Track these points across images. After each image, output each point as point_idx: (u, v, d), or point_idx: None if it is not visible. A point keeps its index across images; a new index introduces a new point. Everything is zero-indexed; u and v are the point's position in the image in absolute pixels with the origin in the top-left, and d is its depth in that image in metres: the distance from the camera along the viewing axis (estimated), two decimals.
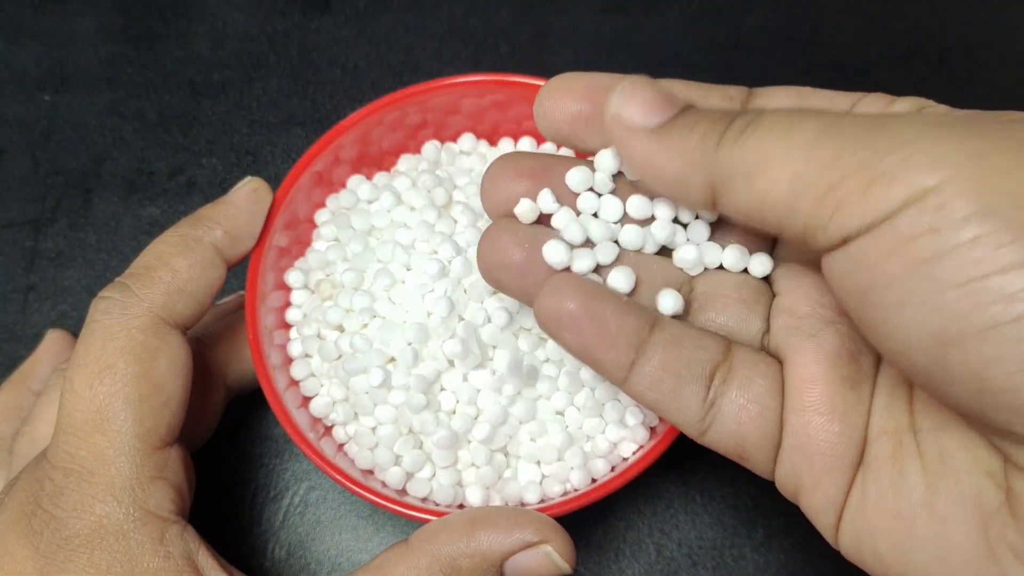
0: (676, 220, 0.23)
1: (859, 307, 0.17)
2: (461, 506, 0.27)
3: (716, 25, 0.42)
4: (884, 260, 0.16)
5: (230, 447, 0.33)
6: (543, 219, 0.23)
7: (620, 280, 0.22)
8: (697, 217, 0.23)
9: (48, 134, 0.40)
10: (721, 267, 0.23)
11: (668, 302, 0.22)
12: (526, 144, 0.33)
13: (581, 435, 0.27)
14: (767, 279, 0.23)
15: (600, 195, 0.23)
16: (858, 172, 0.16)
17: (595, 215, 0.23)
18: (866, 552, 0.20)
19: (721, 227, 0.23)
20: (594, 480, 0.27)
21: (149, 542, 0.23)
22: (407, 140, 0.32)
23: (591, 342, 0.21)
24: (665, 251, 0.23)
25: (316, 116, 0.40)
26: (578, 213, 0.23)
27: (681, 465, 0.33)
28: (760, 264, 0.23)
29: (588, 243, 0.22)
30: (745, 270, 0.23)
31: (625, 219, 0.23)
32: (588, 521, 0.32)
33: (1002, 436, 0.17)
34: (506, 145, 0.33)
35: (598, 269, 0.22)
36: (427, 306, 0.27)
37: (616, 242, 0.23)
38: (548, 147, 0.32)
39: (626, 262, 0.23)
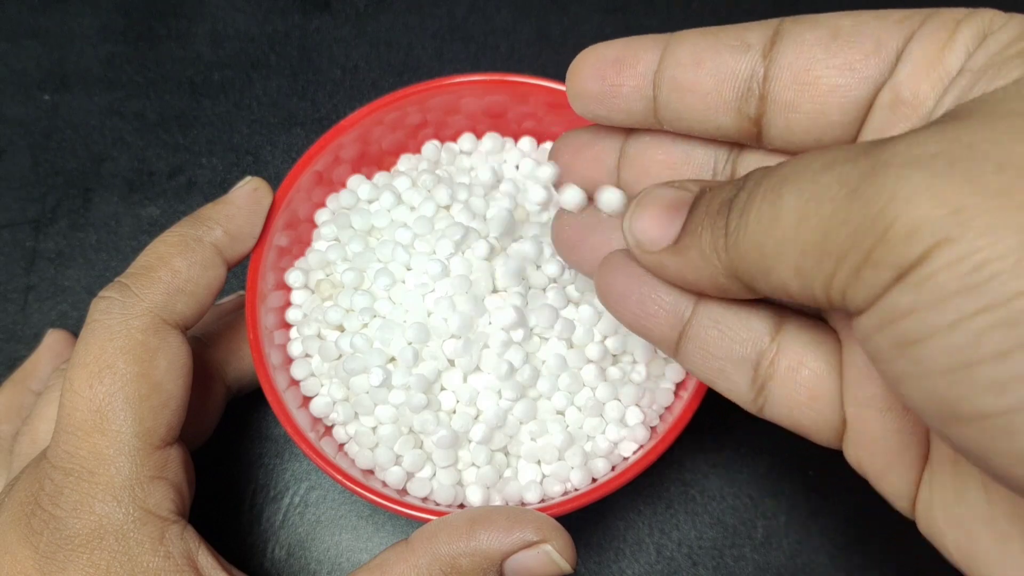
0: None
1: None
2: (461, 506, 0.27)
3: (714, 24, 0.42)
4: (877, 337, 0.15)
5: (230, 447, 0.33)
6: None
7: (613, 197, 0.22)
8: None
9: (48, 134, 0.40)
10: None
11: (609, 196, 0.22)
12: (526, 144, 0.33)
13: (582, 435, 0.27)
14: None
15: None
16: (847, 258, 0.15)
17: None
18: (940, 546, 0.19)
19: None
20: (594, 480, 0.27)
21: (149, 542, 0.23)
22: (407, 140, 0.32)
23: (637, 320, 0.21)
24: None
25: (316, 116, 0.40)
26: None
27: (681, 465, 0.33)
28: None
29: None
30: None
31: None
32: (588, 521, 0.32)
33: None
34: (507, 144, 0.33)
35: None
36: (427, 306, 0.27)
37: None
38: (548, 146, 0.32)
39: None
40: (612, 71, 0.21)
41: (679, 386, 0.29)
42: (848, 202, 0.14)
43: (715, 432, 0.33)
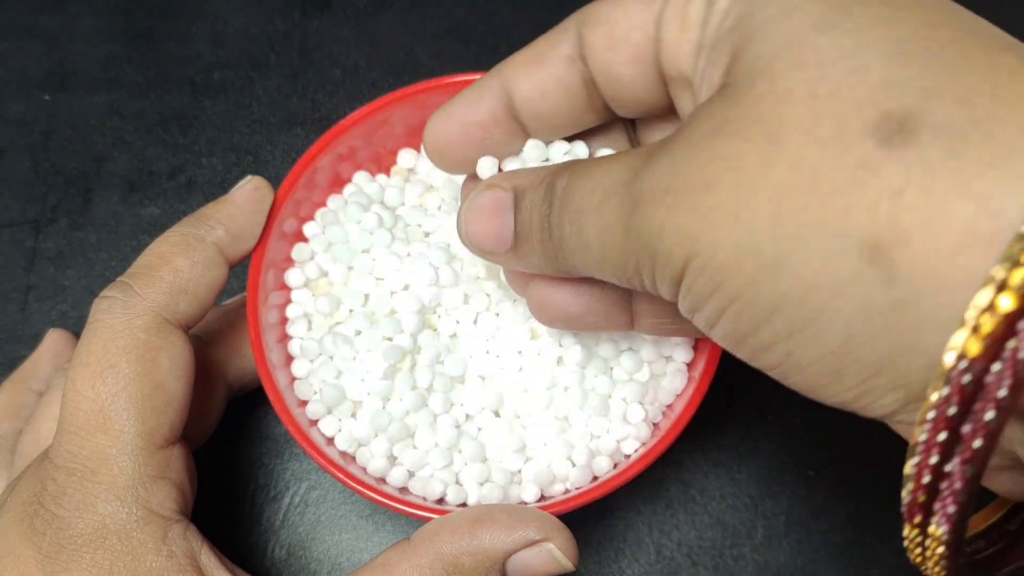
0: None
1: None
2: (463, 504, 0.27)
3: None
4: (695, 318, 0.19)
5: (230, 447, 0.33)
6: None
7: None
8: None
9: (48, 134, 0.40)
10: None
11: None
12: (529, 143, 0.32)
13: (584, 433, 0.27)
14: None
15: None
16: (642, 271, 0.19)
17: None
18: None
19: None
20: (596, 478, 0.27)
21: (152, 541, 0.23)
22: (407, 139, 0.32)
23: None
24: None
25: (316, 116, 0.40)
26: None
27: (681, 465, 0.33)
28: None
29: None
30: None
31: None
32: (588, 520, 0.32)
33: None
34: None
35: None
36: (425, 305, 0.27)
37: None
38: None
39: None
40: (477, 136, 0.24)
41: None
42: (626, 237, 0.19)
43: (715, 432, 0.33)
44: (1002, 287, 0.14)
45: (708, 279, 0.17)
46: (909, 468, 0.16)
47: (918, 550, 0.18)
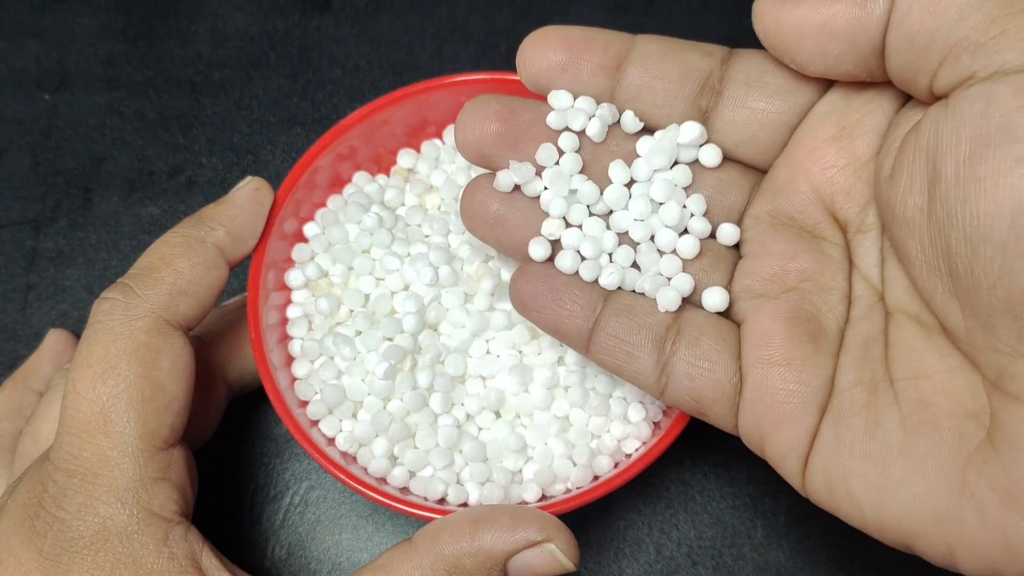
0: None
1: (957, 168, 0.18)
2: (464, 504, 0.27)
3: (716, 24, 0.42)
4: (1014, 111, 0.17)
5: (230, 447, 0.33)
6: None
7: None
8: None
9: (48, 134, 0.40)
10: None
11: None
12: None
13: (585, 432, 0.27)
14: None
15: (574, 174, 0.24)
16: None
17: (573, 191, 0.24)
18: (839, 494, 0.20)
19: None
20: (597, 477, 0.27)
21: (153, 543, 0.23)
22: (407, 139, 0.32)
23: (553, 318, 0.23)
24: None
25: (316, 116, 0.40)
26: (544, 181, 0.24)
27: (681, 465, 0.33)
28: (728, 233, 0.24)
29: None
30: (713, 235, 0.24)
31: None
32: (588, 520, 0.32)
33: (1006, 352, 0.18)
34: None
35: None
36: (425, 305, 0.27)
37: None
38: None
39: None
40: (581, 46, 0.23)
41: None
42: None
43: (715, 432, 0.33)
44: None
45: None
46: None
47: None
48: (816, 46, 0.21)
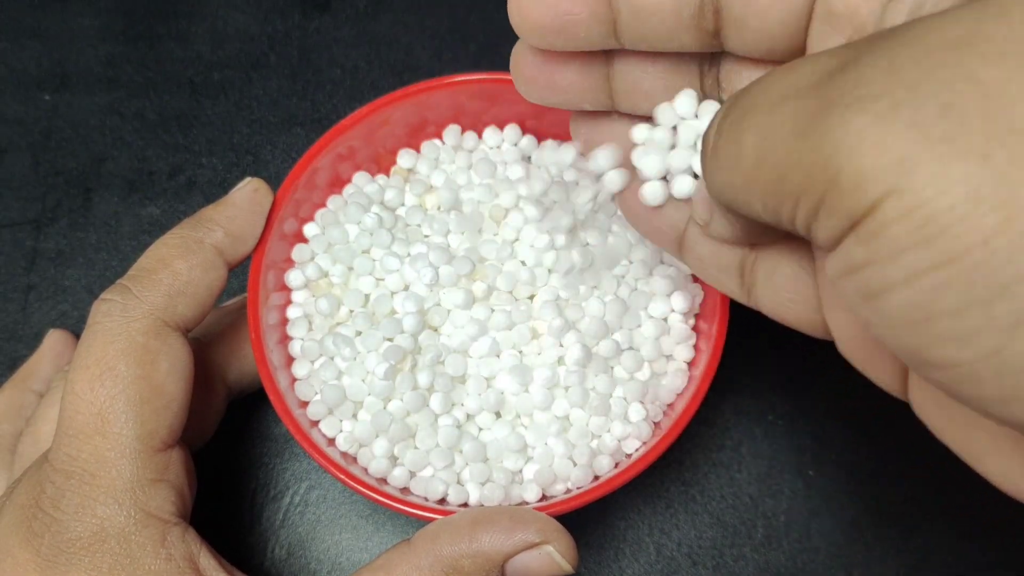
0: None
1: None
2: (464, 504, 0.27)
3: None
4: (843, 283, 0.15)
5: (230, 447, 0.33)
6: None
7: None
8: None
9: (48, 134, 0.40)
10: None
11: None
12: (524, 141, 0.32)
13: (585, 432, 0.27)
14: None
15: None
16: (802, 201, 0.15)
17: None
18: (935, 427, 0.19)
19: None
20: (597, 477, 0.27)
21: (151, 544, 0.23)
22: (407, 139, 0.32)
23: (650, 232, 0.23)
24: None
25: (316, 116, 0.40)
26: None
27: (681, 465, 0.33)
28: None
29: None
30: None
31: None
32: (588, 520, 0.32)
33: None
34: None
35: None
36: (424, 306, 0.27)
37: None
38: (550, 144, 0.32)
39: None
40: (565, 1, 0.20)
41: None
42: (799, 144, 0.14)
43: (715, 432, 0.33)
44: None
45: (914, 225, 0.13)
46: None
47: None
48: None
